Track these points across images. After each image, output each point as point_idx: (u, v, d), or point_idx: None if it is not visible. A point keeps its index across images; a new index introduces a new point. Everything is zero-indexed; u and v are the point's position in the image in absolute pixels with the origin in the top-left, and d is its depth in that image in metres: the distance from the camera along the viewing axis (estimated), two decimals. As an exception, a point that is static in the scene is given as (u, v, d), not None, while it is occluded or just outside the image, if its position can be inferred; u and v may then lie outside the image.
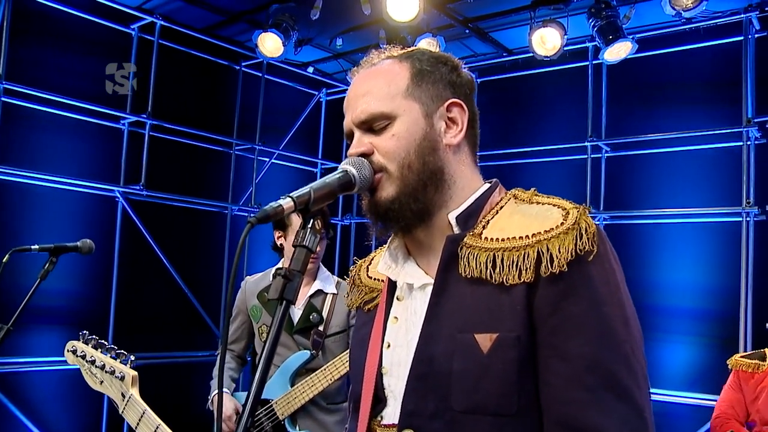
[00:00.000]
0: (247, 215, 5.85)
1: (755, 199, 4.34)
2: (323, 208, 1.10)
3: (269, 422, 2.90)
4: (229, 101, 5.85)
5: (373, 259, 1.39)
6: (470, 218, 1.16)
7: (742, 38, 4.48)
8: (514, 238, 1.09)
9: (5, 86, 4.35)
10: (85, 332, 2.16)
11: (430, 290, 1.15)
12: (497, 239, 1.10)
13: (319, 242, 1.06)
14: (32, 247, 2.33)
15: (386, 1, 4.36)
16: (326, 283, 3.05)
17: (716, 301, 4.58)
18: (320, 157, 6.64)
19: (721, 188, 4.62)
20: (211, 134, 5.63)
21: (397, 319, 1.20)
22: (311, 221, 1.06)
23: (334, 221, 6.30)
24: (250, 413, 0.98)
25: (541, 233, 1.07)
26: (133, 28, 5.12)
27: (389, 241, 1.24)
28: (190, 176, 5.63)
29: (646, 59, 4.89)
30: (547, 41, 4.60)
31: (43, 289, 2.25)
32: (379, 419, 1.18)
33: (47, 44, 4.74)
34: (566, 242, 1.04)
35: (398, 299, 1.22)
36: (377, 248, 1.39)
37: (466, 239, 1.13)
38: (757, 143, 4.48)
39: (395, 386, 1.16)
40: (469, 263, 1.10)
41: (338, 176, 1.11)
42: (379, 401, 1.18)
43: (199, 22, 5.34)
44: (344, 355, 2.84)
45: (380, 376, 1.18)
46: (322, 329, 2.96)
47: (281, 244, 3.06)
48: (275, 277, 1.01)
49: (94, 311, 4.94)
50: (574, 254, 1.03)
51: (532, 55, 4.73)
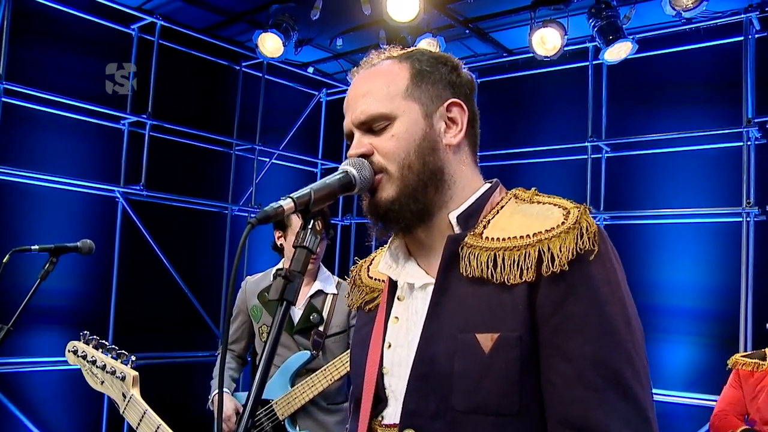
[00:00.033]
0: (247, 215, 5.85)
1: (755, 199, 4.34)
2: (323, 208, 1.10)
3: (269, 422, 2.89)
4: (229, 101, 5.85)
5: (373, 259, 1.39)
6: (471, 218, 1.16)
7: (742, 38, 4.48)
8: (515, 237, 1.09)
9: (5, 86, 4.35)
10: (86, 332, 2.16)
11: (431, 290, 1.14)
12: (498, 239, 1.10)
13: (319, 243, 1.06)
14: (32, 247, 2.33)
15: (386, 1, 4.36)
16: (327, 283, 3.06)
17: (716, 301, 4.58)
18: (320, 157, 6.64)
19: (721, 188, 4.62)
20: (211, 134, 5.63)
21: (398, 319, 1.20)
22: (311, 222, 1.06)
23: (334, 221, 6.30)
24: (250, 414, 0.98)
25: (542, 232, 1.07)
26: (133, 28, 5.13)
27: (390, 241, 1.24)
28: (190, 176, 5.63)
29: (646, 59, 4.89)
30: (547, 41, 4.60)
31: (43, 289, 2.25)
32: (379, 419, 1.18)
33: (47, 44, 4.74)
34: (567, 241, 1.04)
35: (399, 299, 1.22)
36: (377, 248, 1.39)
37: (467, 239, 1.13)
38: (757, 143, 4.47)
39: (396, 386, 1.16)
40: (470, 263, 1.10)
41: (338, 177, 1.11)
42: (379, 401, 1.18)
43: (199, 22, 5.34)
44: (344, 355, 2.84)
45: (381, 376, 1.18)
46: (322, 329, 2.96)
47: (281, 244, 3.06)
48: (275, 277, 1.01)
49: (94, 311, 4.94)
50: (575, 253, 1.03)
51: (532, 55, 4.73)
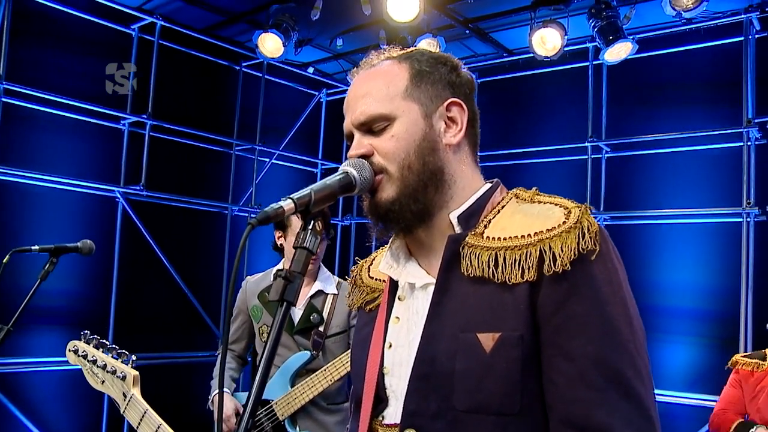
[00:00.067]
0: (247, 215, 5.85)
1: (755, 199, 4.34)
2: (324, 209, 1.10)
3: (269, 423, 2.89)
4: (229, 102, 5.85)
5: (374, 259, 1.38)
6: (472, 218, 1.16)
7: (742, 39, 4.48)
8: (516, 237, 1.09)
9: (5, 86, 4.35)
10: (86, 332, 2.16)
11: (431, 290, 1.14)
12: (499, 238, 1.10)
13: (319, 243, 1.06)
14: (32, 247, 2.33)
15: (386, 1, 4.36)
16: (327, 283, 3.06)
17: (716, 301, 4.57)
18: (320, 157, 6.64)
19: (721, 189, 4.62)
20: (211, 135, 5.63)
21: (398, 319, 1.20)
22: (312, 223, 1.06)
23: (334, 222, 6.30)
24: (250, 414, 0.98)
25: (543, 232, 1.07)
26: (133, 28, 5.13)
27: (391, 241, 1.24)
28: (190, 177, 5.63)
29: (646, 60, 4.89)
30: (547, 42, 4.60)
31: (43, 289, 2.26)
32: (380, 419, 1.18)
33: (47, 45, 4.74)
34: (569, 241, 1.04)
35: (400, 299, 1.22)
36: (377, 249, 1.39)
37: (467, 238, 1.13)
38: (757, 144, 4.47)
39: (397, 386, 1.16)
40: (471, 262, 1.10)
41: (339, 178, 1.11)
42: (380, 401, 1.18)
43: (199, 22, 5.34)
44: (344, 355, 2.84)
45: (382, 376, 1.18)
46: (322, 330, 2.96)
47: (281, 244, 3.07)
48: (276, 278, 1.01)
49: (94, 312, 4.94)
50: (577, 253, 1.03)
51: (532, 55, 4.73)
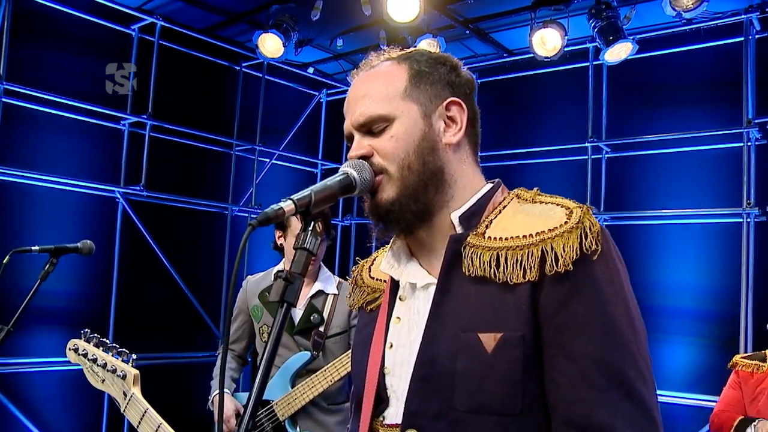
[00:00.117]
0: (247, 216, 5.85)
1: (756, 200, 4.33)
2: (324, 210, 1.10)
3: (270, 423, 2.89)
4: (229, 102, 5.85)
5: (375, 259, 1.38)
6: (473, 218, 1.16)
7: (742, 39, 4.48)
8: (517, 237, 1.09)
9: (5, 87, 4.35)
10: (86, 330, 2.15)
11: (433, 290, 1.14)
12: (501, 238, 1.10)
13: (320, 244, 1.06)
14: (33, 248, 2.33)
15: (387, 1, 4.36)
16: (327, 283, 3.05)
17: (717, 302, 4.57)
18: (320, 157, 6.64)
19: (721, 189, 4.62)
20: (211, 135, 5.63)
21: (399, 319, 1.20)
22: (312, 224, 1.06)
23: (334, 222, 6.30)
24: (251, 415, 0.98)
25: (545, 232, 1.07)
26: (133, 28, 5.13)
27: (392, 241, 1.24)
28: (190, 177, 5.63)
29: (646, 60, 4.88)
30: (547, 42, 4.60)
31: (43, 290, 2.25)
32: (381, 419, 1.18)
33: (48, 45, 4.74)
34: (570, 241, 1.04)
35: (401, 299, 1.22)
36: (378, 249, 1.39)
37: (469, 239, 1.13)
38: (757, 144, 4.47)
39: (398, 386, 1.16)
40: (472, 262, 1.10)
41: (339, 179, 1.11)
42: (381, 401, 1.18)
43: (199, 22, 5.34)
44: (344, 356, 2.84)
45: (382, 376, 1.18)
46: (322, 330, 2.96)
47: (281, 244, 3.07)
48: (276, 279, 1.01)
49: (94, 312, 4.94)
50: (578, 253, 1.03)
51: (532, 55, 4.73)
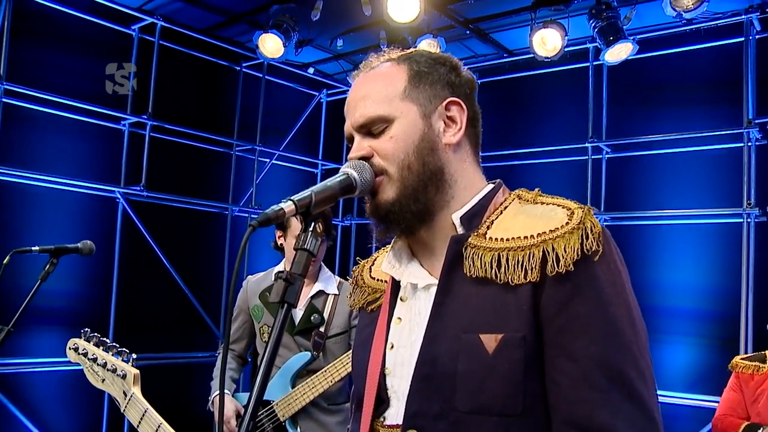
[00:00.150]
0: (247, 216, 5.85)
1: (756, 200, 4.33)
2: (325, 211, 1.10)
3: (270, 423, 2.89)
4: (229, 102, 5.85)
5: (376, 259, 1.38)
6: (474, 218, 1.16)
7: (742, 39, 4.48)
8: (519, 238, 1.09)
9: (6, 87, 4.35)
10: (86, 330, 2.15)
11: (434, 290, 1.14)
12: (502, 239, 1.10)
13: (320, 245, 1.06)
14: (33, 248, 2.33)
15: (387, 2, 4.36)
16: (328, 283, 3.05)
17: (717, 302, 4.57)
18: (321, 157, 6.64)
19: (721, 189, 4.62)
20: (211, 135, 5.63)
21: (400, 319, 1.20)
22: (312, 224, 1.06)
23: (334, 222, 6.30)
24: (251, 416, 0.98)
25: (546, 233, 1.07)
26: (133, 28, 5.13)
27: (393, 241, 1.24)
28: (190, 177, 5.63)
29: (646, 60, 4.88)
30: (547, 42, 4.60)
31: (43, 290, 2.25)
32: (381, 420, 1.17)
33: (48, 45, 4.74)
34: (572, 242, 1.04)
35: (402, 300, 1.21)
36: (379, 250, 1.39)
37: (470, 239, 1.13)
38: (757, 144, 4.47)
39: (398, 387, 1.16)
40: (473, 263, 1.10)
41: (339, 179, 1.11)
42: (381, 402, 1.18)
43: (199, 22, 5.34)
44: (345, 356, 2.84)
45: (383, 376, 1.18)
46: (323, 330, 2.95)
47: (281, 244, 3.06)
48: (277, 280, 1.01)
49: (94, 312, 4.94)
50: (580, 254, 1.03)
51: (532, 56, 4.73)
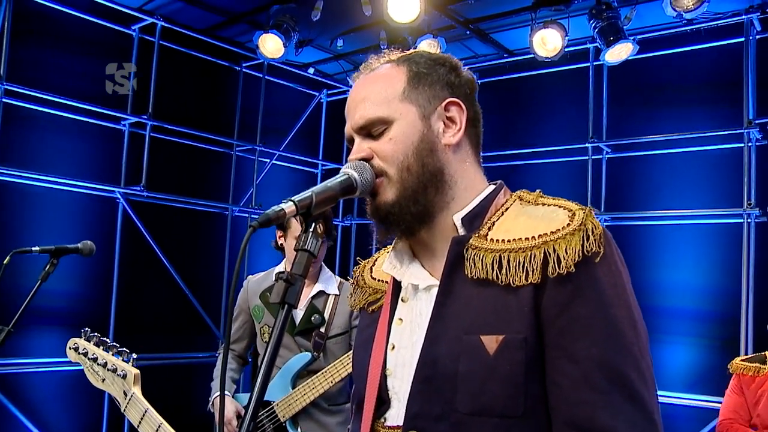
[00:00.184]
0: (247, 216, 5.85)
1: (756, 200, 4.33)
2: (325, 212, 1.10)
3: (271, 424, 2.89)
4: (229, 102, 5.85)
5: (376, 260, 1.38)
6: (475, 219, 1.16)
7: (743, 39, 4.47)
8: (520, 239, 1.09)
9: (6, 87, 4.35)
10: (87, 329, 2.15)
11: (435, 292, 1.14)
12: (503, 240, 1.10)
13: (320, 246, 1.06)
14: (33, 248, 2.33)
15: (387, 2, 4.36)
16: (328, 284, 3.05)
17: (717, 302, 4.57)
18: (321, 158, 6.64)
19: (722, 189, 4.61)
20: (211, 135, 5.63)
21: (402, 320, 1.20)
22: (313, 225, 1.06)
23: (334, 222, 6.30)
24: (252, 417, 0.97)
25: (547, 234, 1.06)
26: (133, 29, 5.13)
27: (394, 241, 1.24)
28: (190, 177, 5.63)
29: (647, 60, 4.88)
30: (548, 42, 4.59)
31: (43, 290, 2.25)
32: (382, 421, 1.17)
33: (48, 45, 4.74)
34: (573, 243, 1.04)
35: (403, 300, 1.21)
36: (379, 250, 1.39)
37: (471, 240, 1.13)
38: (758, 144, 4.47)
39: (399, 388, 1.16)
40: (474, 264, 1.10)
41: (340, 180, 1.11)
42: (382, 403, 1.18)
43: (199, 23, 5.34)
44: (345, 357, 2.83)
45: (384, 377, 1.18)
46: (323, 331, 2.95)
47: (282, 244, 3.06)
48: (277, 280, 1.01)
49: (94, 312, 4.94)
50: (581, 255, 1.03)
51: (533, 56, 4.73)
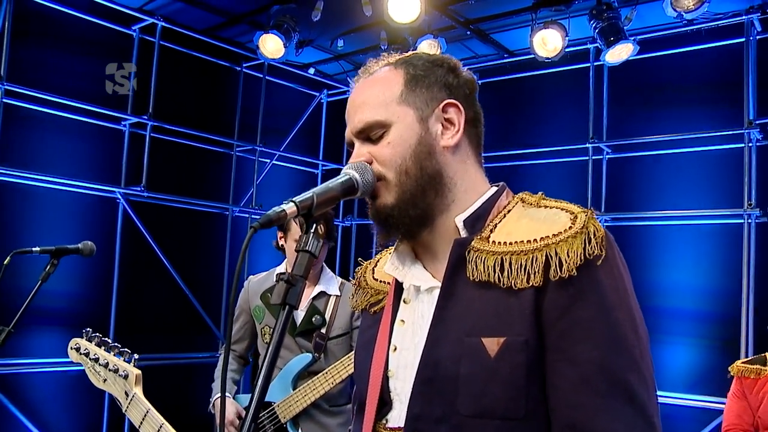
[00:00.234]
0: (248, 216, 5.85)
1: (756, 200, 4.33)
2: (327, 214, 1.10)
3: (271, 425, 2.89)
4: (230, 102, 5.85)
5: (378, 261, 1.38)
6: (478, 222, 1.16)
7: (743, 40, 4.47)
8: (522, 242, 1.08)
9: (6, 87, 4.35)
10: (88, 330, 2.15)
11: (437, 293, 1.14)
12: (505, 243, 1.10)
13: (321, 246, 1.05)
14: (33, 249, 2.33)
15: (387, 2, 4.36)
16: (329, 284, 3.04)
17: (717, 303, 4.57)
18: (321, 158, 6.64)
19: (722, 190, 4.61)
20: (212, 135, 5.63)
21: (404, 322, 1.20)
22: (314, 226, 1.06)
23: (335, 223, 6.29)
24: (253, 419, 0.97)
25: (549, 237, 1.06)
26: (134, 29, 5.13)
27: (396, 242, 1.24)
28: (191, 177, 5.63)
29: (647, 61, 4.88)
30: (548, 43, 4.59)
31: (44, 290, 2.25)
32: (384, 422, 1.17)
33: (48, 46, 4.74)
34: (575, 246, 1.03)
35: (405, 302, 1.21)
36: (380, 251, 1.39)
37: (473, 243, 1.12)
38: (758, 145, 4.47)
39: (401, 389, 1.15)
40: (476, 267, 1.10)
41: (341, 181, 1.11)
42: (384, 404, 1.18)
43: (200, 23, 5.34)
44: (346, 358, 2.83)
45: (386, 379, 1.18)
46: (324, 332, 2.95)
47: (282, 245, 3.06)
48: (278, 281, 1.01)
49: (94, 313, 4.94)
50: (583, 258, 1.03)
51: (533, 56, 4.72)
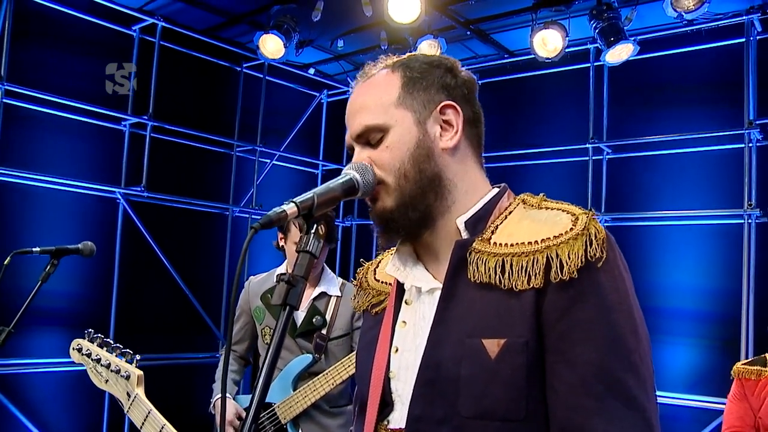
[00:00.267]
0: (248, 216, 5.85)
1: (757, 201, 4.33)
2: (327, 215, 1.10)
3: (272, 426, 2.89)
4: (230, 103, 5.85)
5: (380, 261, 1.38)
6: (479, 223, 1.16)
7: (743, 40, 4.47)
8: (523, 243, 1.08)
9: (6, 87, 4.34)
10: (90, 330, 2.15)
11: (438, 295, 1.14)
12: (506, 244, 1.10)
13: (322, 247, 1.05)
14: (33, 249, 2.33)
15: (387, 2, 4.36)
16: (330, 285, 3.03)
17: (717, 303, 4.57)
18: (321, 158, 6.64)
19: (722, 190, 4.61)
20: (212, 136, 5.62)
21: (405, 323, 1.20)
22: (315, 226, 1.06)
23: (335, 223, 6.29)
24: (253, 419, 0.97)
25: (550, 239, 1.06)
26: (134, 29, 5.12)
27: (398, 244, 1.24)
28: (191, 178, 5.63)
29: (647, 61, 4.87)
30: (548, 43, 4.59)
31: (44, 290, 2.25)
32: (385, 423, 1.17)
33: (48, 46, 4.73)
34: (576, 248, 1.03)
35: (406, 303, 1.21)
36: (381, 252, 1.39)
37: (474, 244, 1.12)
38: (758, 145, 4.47)
39: (402, 391, 1.15)
40: (478, 268, 1.10)
41: (341, 181, 1.11)
42: (385, 405, 1.18)
43: (200, 23, 5.34)
44: (347, 359, 2.83)
45: (387, 380, 1.18)
46: (325, 333, 2.94)
47: (283, 246, 3.06)
48: (279, 282, 1.01)
49: (95, 313, 4.94)
50: (583, 260, 1.03)
51: (533, 56, 4.72)
